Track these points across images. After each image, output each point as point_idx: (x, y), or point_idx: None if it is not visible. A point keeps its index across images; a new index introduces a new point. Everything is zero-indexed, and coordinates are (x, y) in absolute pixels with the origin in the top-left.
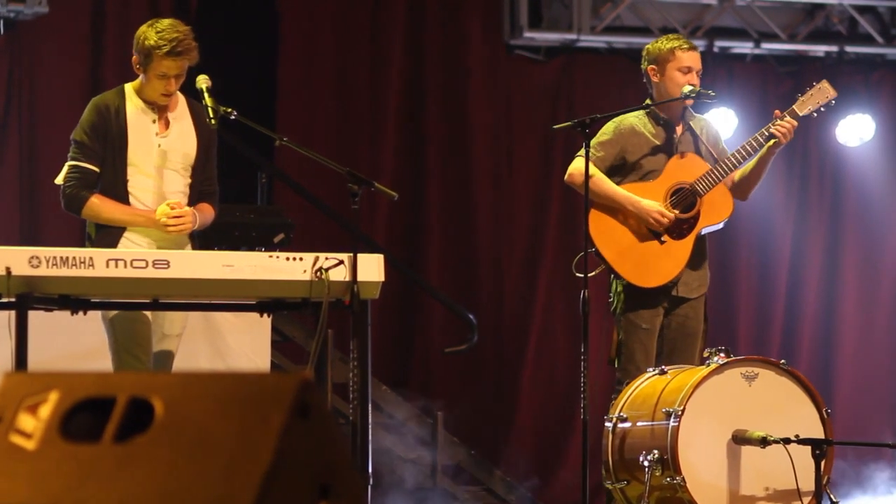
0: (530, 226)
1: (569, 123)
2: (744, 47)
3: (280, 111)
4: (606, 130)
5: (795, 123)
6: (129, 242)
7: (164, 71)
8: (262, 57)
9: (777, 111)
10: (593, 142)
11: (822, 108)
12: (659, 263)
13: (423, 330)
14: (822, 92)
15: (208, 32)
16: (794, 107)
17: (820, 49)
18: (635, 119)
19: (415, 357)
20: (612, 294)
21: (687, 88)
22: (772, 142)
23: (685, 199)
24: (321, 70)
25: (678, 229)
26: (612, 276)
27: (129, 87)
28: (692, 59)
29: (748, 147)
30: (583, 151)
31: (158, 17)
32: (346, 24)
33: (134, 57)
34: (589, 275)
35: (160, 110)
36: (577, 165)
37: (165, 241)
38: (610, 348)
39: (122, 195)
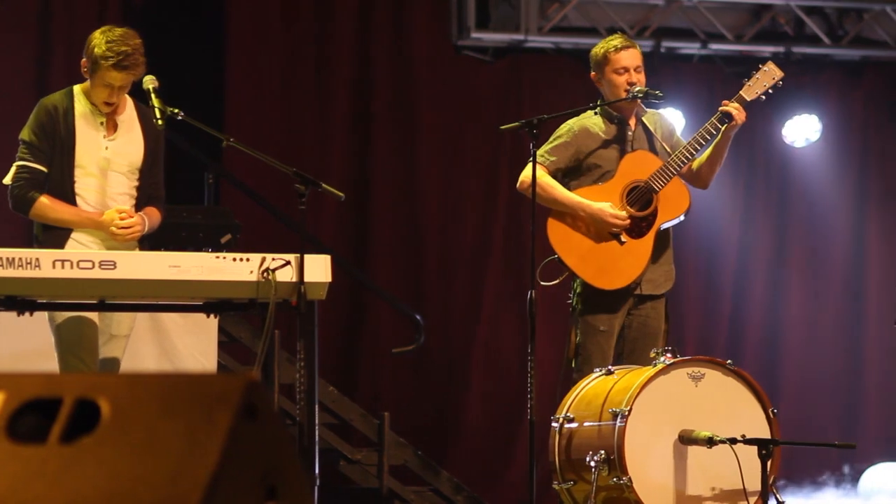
0: (478, 226)
1: (516, 124)
2: (691, 48)
3: (227, 112)
4: (560, 134)
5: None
6: (77, 244)
7: (110, 81)
8: (209, 57)
9: (724, 101)
10: (547, 147)
11: (770, 91)
12: (621, 264)
13: (370, 330)
14: (769, 73)
15: (154, 32)
16: (741, 93)
17: (767, 50)
18: (588, 120)
19: (362, 357)
20: (572, 294)
21: (636, 88)
22: (726, 124)
23: (642, 196)
24: (268, 71)
25: (637, 228)
26: (575, 278)
27: (77, 89)
28: (627, 58)
29: (699, 138)
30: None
31: (108, 21)
32: (293, 24)
33: (83, 60)
34: (552, 283)
35: (108, 113)
36: (528, 173)
37: (113, 242)
38: (568, 348)
39: (69, 196)
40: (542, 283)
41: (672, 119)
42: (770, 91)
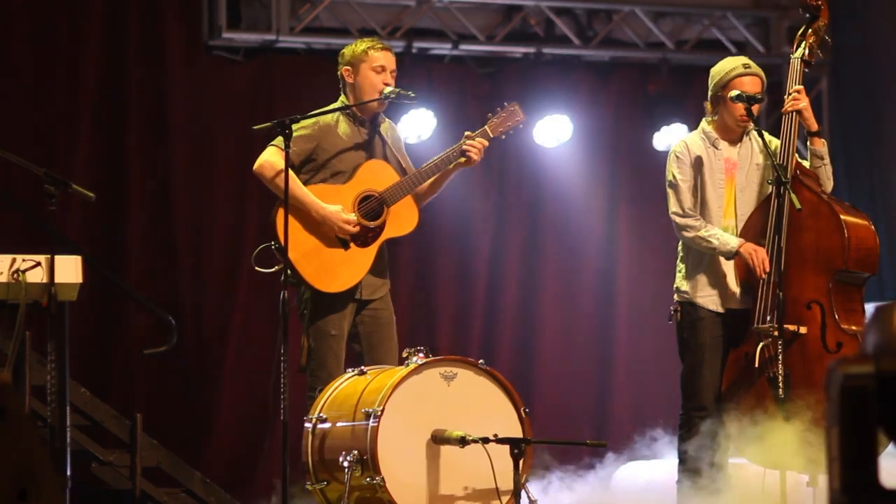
0: (230, 227)
1: (268, 124)
2: (442, 48)
3: None
4: (305, 125)
5: (486, 143)
6: None
7: None
8: None
9: (468, 132)
10: None
11: (511, 131)
12: (341, 269)
13: (122, 332)
14: (513, 115)
15: None
16: (486, 127)
17: (518, 50)
18: (332, 118)
19: (114, 359)
20: (300, 301)
21: (387, 89)
22: (462, 159)
23: (373, 207)
24: (17, 70)
25: (363, 237)
26: (296, 280)
27: None
28: (386, 58)
29: (439, 162)
30: (276, 141)
31: None
32: (42, 22)
33: None
34: (268, 270)
35: None
36: (266, 157)
37: None
38: (301, 354)
39: None
40: (257, 269)
41: (402, 132)
42: (511, 132)
